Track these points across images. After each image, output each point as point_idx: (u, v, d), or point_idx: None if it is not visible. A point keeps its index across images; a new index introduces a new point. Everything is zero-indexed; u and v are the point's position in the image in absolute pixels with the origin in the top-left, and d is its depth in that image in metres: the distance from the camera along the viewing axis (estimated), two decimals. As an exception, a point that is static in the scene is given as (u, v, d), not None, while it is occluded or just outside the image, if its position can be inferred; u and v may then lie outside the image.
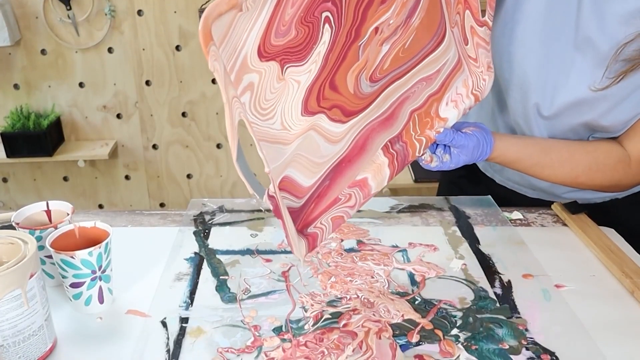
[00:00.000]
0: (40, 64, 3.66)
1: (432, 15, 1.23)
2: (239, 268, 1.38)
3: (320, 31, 1.03)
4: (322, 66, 1.06)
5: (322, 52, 1.05)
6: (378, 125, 1.21)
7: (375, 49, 1.14)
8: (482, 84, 1.34)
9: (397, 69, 1.20)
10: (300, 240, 1.11)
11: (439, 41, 1.26)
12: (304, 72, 1.04)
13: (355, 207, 1.20)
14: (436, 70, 1.27)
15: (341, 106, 1.13)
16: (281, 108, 1.03)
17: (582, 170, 1.42)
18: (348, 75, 1.12)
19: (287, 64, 1.01)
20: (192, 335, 1.16)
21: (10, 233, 1.10)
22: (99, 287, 1.22)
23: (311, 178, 1.13)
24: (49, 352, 1.11)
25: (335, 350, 1.11)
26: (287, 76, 1.02)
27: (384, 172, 1.22)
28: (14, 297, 1.01)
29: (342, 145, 1.16)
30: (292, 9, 0.98)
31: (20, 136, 3.55)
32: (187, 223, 1.58)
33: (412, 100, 1.26)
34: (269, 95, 1.00)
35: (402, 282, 1.33)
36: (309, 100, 1.07)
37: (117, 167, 3.96)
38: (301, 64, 1.03)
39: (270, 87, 1.00)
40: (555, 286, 1.31)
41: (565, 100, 1.44)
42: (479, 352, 1.11)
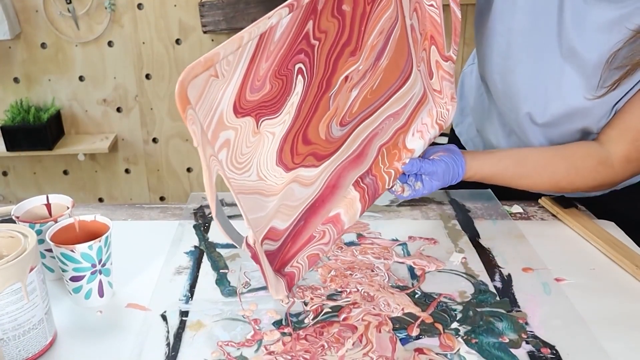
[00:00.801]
0: (40, 58, 3.66)
1: (400, 54, 1.29)
2: (239, 261, 1.39)
3: (294, 82, 1.07)
4: (295, 116, 1.10)
5: (295, 102, 1.08)
6: (349, 164, 1.26)
7: (345, 96, 1.19)
8: (446, 114, 1.42)
9: (366, 109, 1.26)
10: (279, 280, 1.15)
11: (405, 78, 1.32)
12: (278, 124, 1.07)
13: (330, 243, 1.25)
14: (403, 105, 1.34)
15: (314, 153, 1.17)
16: (257, 160, 1.06)
17: (562, 175, 1.43)
18: (320, 125, 1.16)
19: (262, 117, 1.04)
20: (192, 328, 1.16)
21: (10, 227, 1.10)
22: (99, 281, 1.22)
23: (286, 221, 1.18)
24: (49, 345, 1.11)
25: (335, 344, 1.11)
26: (262, 129, 1.05)
27: (355, 207, 1.28)
28: (14, 290, 1.01)
29: (315, 187, 1.20)
30: (267, 63, 1.01)
31: (20, 130, 3.55)
32: (187, 216, 1.58)
33: (381, 135, 1.31)
34: (244, 150, 1.03)
35: (402, 276, 1.33)
36: (283, 149, 1.11)
37: (117, 160, 3.96)
38: (275, 116, 1.06)
39: (246, 142, 1.02)
40: (555, 280, 1.31)
41: (560, 109, 1.45)
42: (479, 346, 1.11)
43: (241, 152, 1.01)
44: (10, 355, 1.05)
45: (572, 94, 1.41)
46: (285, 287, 1.15)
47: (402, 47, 1.27)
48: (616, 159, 1.40)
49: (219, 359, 1.09)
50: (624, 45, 1.29)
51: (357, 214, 1.27)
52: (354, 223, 1.40)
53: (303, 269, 1.19)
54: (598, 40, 1.33)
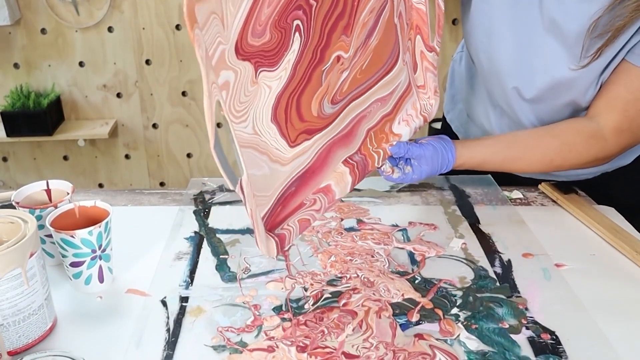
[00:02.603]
0: (40, 43, 3.65)
1: (388, 38, 1.29)
2: (239, 247, 1.39)
3: (291, 39, 1.07)
4: (290, 75, 1.10)
5: (291, 60, 1.08)
6: (339, 140, 1.26)
7: (336, 75, 1.20)
8: (429, 108, 1.44)
9: (355, 89, 1.26)
10: (269, 239, 1.13)
11: (393, 64, 1.33)
12: (275, 78, 1.07)
13: (321, 210, 1.24)
14: (389, 92, 1.34)
15: (306, 130, 1.18)
16: (253, 112, 1.06)
17: (554, 153, 1.41)
18: (312, 102, 1.17)
19: (260, 67, 1.03)
20: (192, 314, 1.17)
21: (10, 212, 1.10)
22: (99, 267, 1.22)
23: (276, 194, 1.17)
24: (49, 331, 1.11)
25: (335, 330, 1.12)
26: (260, 80, 1.04)
27: (346, 179, 1.27)
28: (14, 276, 1.01)
29: (306, 157, 1.20)
30: (268, 9, 1.01)
31: (20, 115, 3.55)
32: (187, 202, 1.58)
33: (368, 119, 1.31)
34: (242, 98, 1.02)
35: (402, 262, 1.33)
36: (277, 108, 1.10)
37: (117, 146, 3.96)
38: (273, 69, 1.06)
39: (245, 90, 1.02)
40: (555, 265, 1.31)
41: (546, 81, 1.46)
42: (478, 331, 1.11)
43: (239, 100, 1.01)
44: (10, 341, 1.05)
45: (557, 66, 1.42)
46: (277, 247, 1.15)
47: (390, 30, 1.27)
48: (608, 130, 1.39)
49: (219, 344, 1.09)
50: (604, 12, 1.29)
51: (348, 186, 1.27)
52: (354, 208, 1.40)
53: (294, 232, 1.18)
54: (578, 10, 1.33)
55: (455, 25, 3.59)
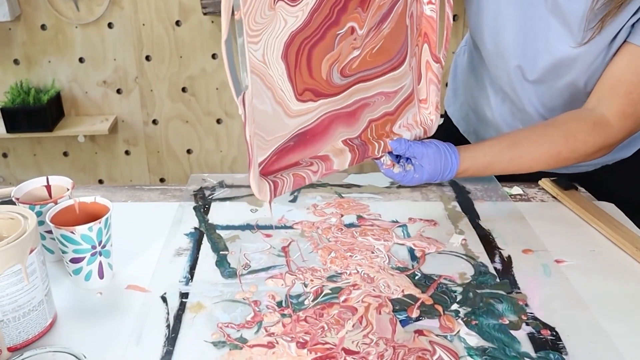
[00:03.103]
0: (40, 39, 3.65)
1: (398, 31, 1.29)
2: (239, 243, 1.39)
3: None
4: (307, 20, 1.11)
5: (309, 5, 1.09)
6: (342, 116, 1.25)
7: (348, 48, 1.20)
8: (429, 123, 1.41)
9: (364, 71, 1.26)
10: (263, 181, 1.13)
11: (400, 60, 1.33)
12: (292, 15, 1.08)
13: (318, 173, 1.21)
14: (394, 90, 1.33)
15: (313, 89, 1.18)
16: (266, 38, 1.06)
17: (561, 145, 1.39)
18: (323, 62, 1.17)
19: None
20: (192, 310, 1.17)
21: (10, 208, 1.10)
22: (99, 263, 1.22)
23: (273, 146, 1.16)
24: (49, 327, 1.11)
25: (335, 326, 1.12)
26: (277, 8, 1.05)
27: (345, 154, 1.25)
28: (14, 272, 1.01)
29: (309, 117, 1.19)
30: None
31: (20, 111, 3.54)
32: (187, 198, 1.58)
33: (371, 109, 1.31)
34: (259, 19, 1.02)
35: (402, 258, 1.33)
36: (290, 47, 1.10)
37: (117, 142, 3.96)
38: (292, 4, 1.07)
39: (262, 11, 1.02)
40: (555, 261, 1.31)
41: (548, 61, 1.46)
42: (479, 327, 1.11)
43: (255, 19, 1.01)
44: (10, 337, 1.05)
45: (559, 45, 1.43)
46: (271, 192, 1.14)
47: (400, 25, 1.27)
48: (612, 116, 1.39)
49: (219, 340, 1.09)
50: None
51: (347, 161, 1.25)
52: (354, 204, 1.40)
53: (287, 184, 1.16)
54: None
55: (456, 20, 3.59)
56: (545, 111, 1.57)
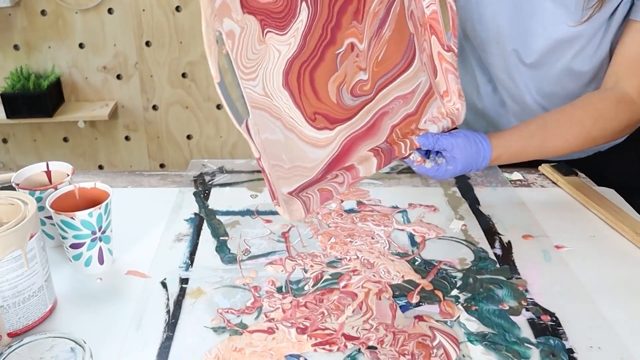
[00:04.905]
0: (40, 25, 3.64)
1: (401, 30, 1.28)
2: (239, 229, 1.39)
3: (298, 7, 1.07)
4: (300, 45, 1.10)
5: (300, 29, 1.08)
6: (362, 134, 1.23)
7: (352, 65, 1.19)
8: (456, 112, 1.36)
9: (375, 83, 1.24)
10: (293, 199, 1.11)
11: (410, 59, 1.30)
12: (284, 43, 1.07)
13: (344, 184, 1.19)
14: (411, 90, 1.30)
15: (326, 115, 1.16)
16: (263, 72, 1.05)
17: (590, 124, 1.37)
18: (329, 84, 1.16)
19: (266, 27, 1.04)
20: (192, 296, 1.17)
21: (10, 194, 1.10)
22: (99, 248, 1.22)
23: (299, 181, 1.15)
24: (49, 312, 1.11)
25: (335, 311, 1.12)
26: (268, 40, 1.04)
27: (371, 160, 1.22)
28: (14, 257, 1.01)
29: (331, 149, 1.18)
30: None
31: (20, 97, 3.54)
32: (187, 184, 1.58)
33: (391, 116, 1.28)
34: (250, 55, 1.02)
35: (402, 243, 1.33)
36: (289, 74, 1.09)
37: (117, 127, 3.95)
38: (281, 33, 1.06)
39: (252, 47, 1.02)
40: (555, 247, 1.31)
41: (545, 43, 1.47)
42: (479, 313, 1.11)
43: (247, 56, 1.01)
44: (10, 322, 1.05)
45: (555, 27, 1.43)
46: (303, 208, 1.11)
47: (402, 25, 1.26)
48: (635, 93, 1.38)
49: (219, 326, 1.09)
50: None
51: (373, 167, 1.22)
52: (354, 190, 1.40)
53: (314, 201, 1.14)
54: None
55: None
56: (541, 98, 1.57)
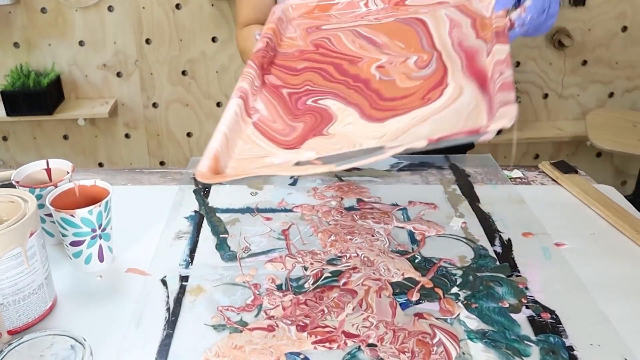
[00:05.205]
0: (41, 23, 3.64)
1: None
2: (239, 226, 1.39)
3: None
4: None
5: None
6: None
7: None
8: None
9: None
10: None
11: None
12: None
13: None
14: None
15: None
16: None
17: None
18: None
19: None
20: (192, 293, 1.17)
21: (10, 191, 1.10)
22: (99, 246, 1.22)
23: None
24: (49, 310, 1.11)
25: (335, 309, 1.12)
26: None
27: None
28: (14, 255, 1.01)
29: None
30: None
31: (20, 94, 3.54)
32: (187, 181, 1.58)
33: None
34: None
35: (402, 241, 1.33)
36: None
37: (117, 125, 3.95)
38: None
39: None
40: (555, 244, 1.31)
41: None
42: (479, 311, 1.11)
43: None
44: (10, 320, 1.05)
45: None
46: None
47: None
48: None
49: (219, 323, 1.09)
50: None
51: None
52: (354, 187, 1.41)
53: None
54: None
55: None
56: None
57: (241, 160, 1.10)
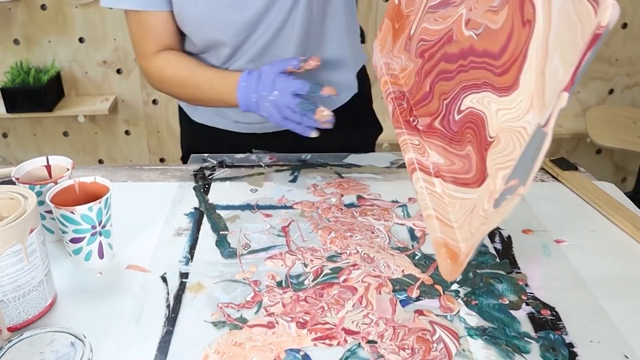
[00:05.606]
0: (40, 19, 3.64)
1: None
2: (239, 223, 1.39)
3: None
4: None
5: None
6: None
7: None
8: None
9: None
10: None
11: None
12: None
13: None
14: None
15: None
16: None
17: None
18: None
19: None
20: (192, 290, 1.17)
21: (10, 188, 1.10)
22: (99, 243, 1.22)
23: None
24: (49, 307, 1.11)
25: (335, 306, 1.12)
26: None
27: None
28: (14, 252, 1.01)
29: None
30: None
31: (20, 91, 3.54)
32: (187, 178, 1.58)
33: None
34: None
35: (402, 238, 1.33)
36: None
37: (117, 122, 3.95)
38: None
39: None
40: (555, 241, 1.31)
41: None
42: (479, 307, 1.12)
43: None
44: (10, 317, 1.05)
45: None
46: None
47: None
48: None
49: (219, 320, 1.09)
50: None
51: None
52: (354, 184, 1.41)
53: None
54: None
55: None
56: None
57: (462, 225, 1.03)
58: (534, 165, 0.83)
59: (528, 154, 0.85)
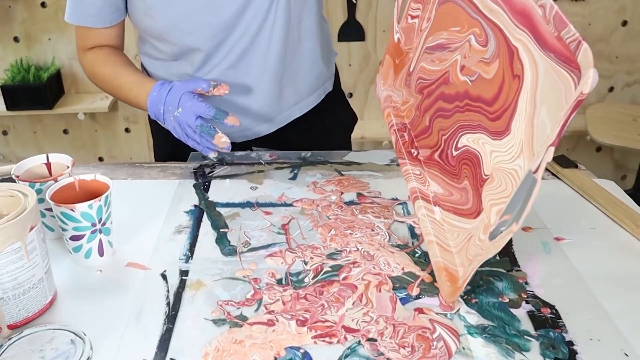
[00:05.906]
0: (41, 17, 3.63)
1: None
2: (239, 221, 1.39)
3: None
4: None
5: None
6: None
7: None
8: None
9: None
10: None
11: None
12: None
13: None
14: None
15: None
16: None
17: None
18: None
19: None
20: (192, 288, 1.17)
21: (10, 186, 1.10)
22: (99, 240, 1.22)
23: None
24: (49, 304, 1.11)
25: (335, 303, 1.12)
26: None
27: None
28: (14, 250, 1.01)
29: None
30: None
31: (20, 89, 3.54)
32: (187, 176, 1.58)
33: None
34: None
35: (402, 235, 1.33)
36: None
37: (117, 120, 3.95)
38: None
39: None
40: (555, 239, 1.31)
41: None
42: (478, 306, 1.11)
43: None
44: (10, 314, 1.05)
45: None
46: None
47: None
48: None
49: (219, 318, 1.09)
50: None
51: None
52: (354, 181, 1.41)
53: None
54: None
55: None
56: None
57: (460, 251, 1.12)
58: (526, 207, 0.95)
59: (519, 195, 0.95)
